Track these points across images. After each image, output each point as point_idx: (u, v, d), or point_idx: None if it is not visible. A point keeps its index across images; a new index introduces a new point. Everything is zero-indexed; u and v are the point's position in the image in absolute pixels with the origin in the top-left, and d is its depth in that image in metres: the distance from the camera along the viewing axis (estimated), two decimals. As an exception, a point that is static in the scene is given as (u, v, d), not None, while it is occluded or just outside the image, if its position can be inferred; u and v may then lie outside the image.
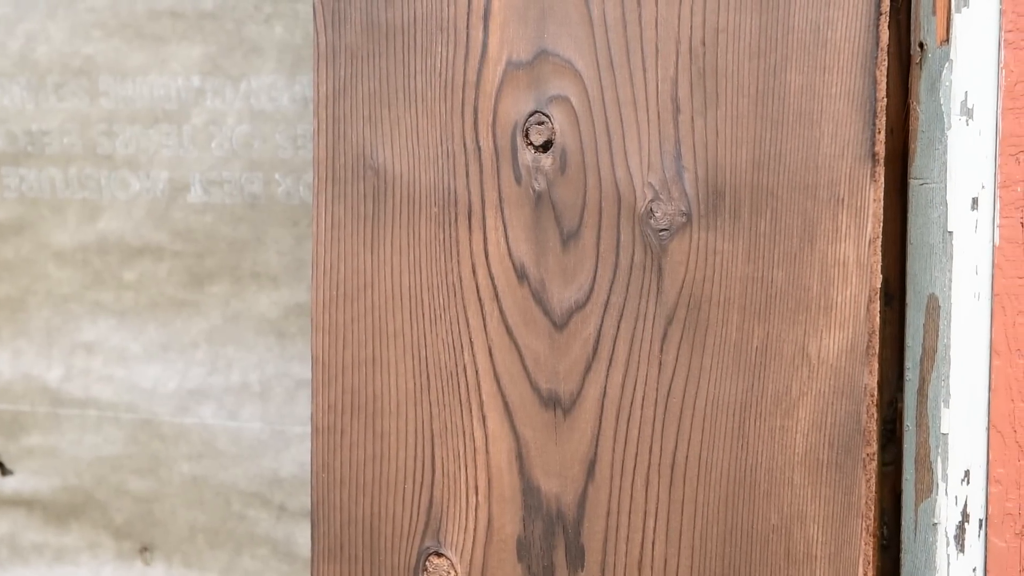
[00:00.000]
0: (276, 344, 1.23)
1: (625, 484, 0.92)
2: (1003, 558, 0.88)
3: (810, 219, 0.88)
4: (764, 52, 0.88)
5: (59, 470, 1.29)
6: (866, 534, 0.89)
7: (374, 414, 0.96)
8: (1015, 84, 0.87)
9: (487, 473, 0.95)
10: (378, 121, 0.96)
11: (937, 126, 0.89)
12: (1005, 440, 0.88)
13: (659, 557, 0.92)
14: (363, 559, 0.97)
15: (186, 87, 1.25)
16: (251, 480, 1.25)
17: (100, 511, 1.28)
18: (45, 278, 1.28)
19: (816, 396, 0.89)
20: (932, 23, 0.89)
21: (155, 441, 1.27)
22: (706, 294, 0.90)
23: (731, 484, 0.90)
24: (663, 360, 0.91)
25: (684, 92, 0.90)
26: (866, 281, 0.88)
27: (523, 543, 0.94)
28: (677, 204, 0.90)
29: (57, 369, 1.29)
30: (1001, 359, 0.88)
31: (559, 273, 0.92)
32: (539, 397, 0.93)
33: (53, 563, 1.30)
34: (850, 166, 0.87)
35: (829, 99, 0.88)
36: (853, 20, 0.87)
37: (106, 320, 1.27)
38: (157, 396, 1.27)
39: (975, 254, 0.88)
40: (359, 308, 0.96)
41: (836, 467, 0.89)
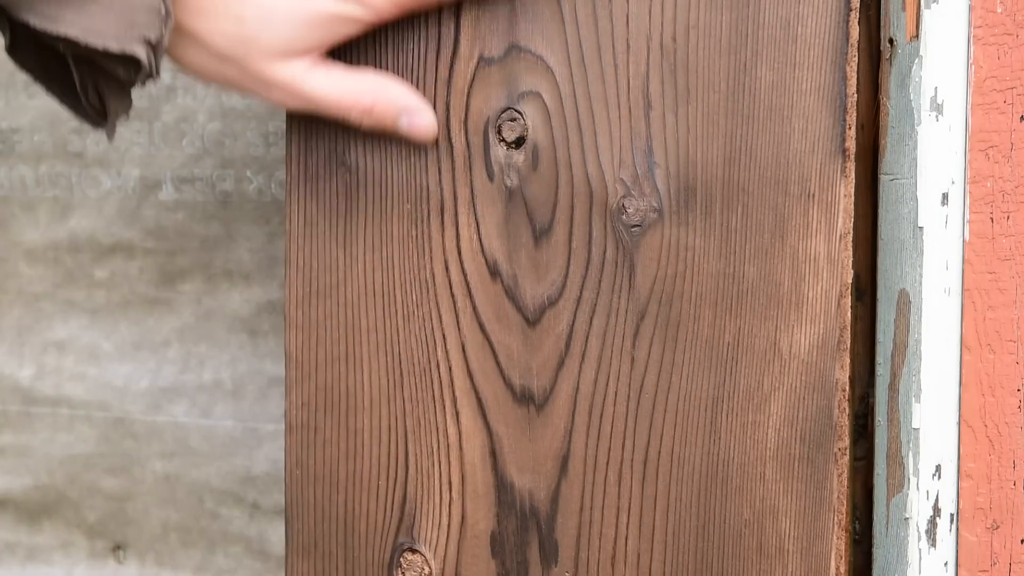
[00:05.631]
0: (248, 342, 1.23)
1: (598, 480, 0.92)
2: (974, 552, 0.89)
3: (781, 215, 0.88)
4: (735, 48, 0.89)
5: (31, 469, 1.28)
6: (838, 528, 0.89)
7: (347, 411, 0.96)
8: (984, 80, 0.87)
9: (461, 469, 0.95)
10: (350, 118, 0.96)
11: (907, 122, 0.89)
12: (976, 435, 0.88)
13: (632, 552, 0.92)
14: (337, 555, 0.97)
15: (156, 84, 1.24)
16: (224, 478, 1.24)
17: (73, 510, 1.28)
18: (16, 276, 1.28)
19: (788, 391, 0.89)
20: (902, 19, 0.89)
21: (127, 439, 1.26)
22: (678, 290, 0.90)
23: (703, 479, 0.91)
24: (635, 356, 0.91)
25: (655, 88, 0.90)
26: (837, 276, 0.88)
27: (497, 539, 0.94)
28: (649, 200, 0.90)
29: (29, 368, 1.28)
30: (971, 354, 0.88)
31: (532, 269, 0.92)
32: (512, 393, 0.93)
33: (26, 562, 1.30)
34: (821, 162, 0.88)
35: (800, 95, 0.88)
36: (823, 16, 0.87)
37: (78, 318, 1.27)
38: (129, 394, 1.26)
39: (945, 249, 0.88)
40: (332, 305, 0.96)
41: (808, 462, 0.89)
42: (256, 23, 0.88)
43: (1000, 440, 0.88)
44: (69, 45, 0.86)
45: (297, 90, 0.90)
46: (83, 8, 0.85)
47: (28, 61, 0.91)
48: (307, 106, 0.91)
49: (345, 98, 0.91)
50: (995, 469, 0.88)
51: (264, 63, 0.89)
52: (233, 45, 0.89)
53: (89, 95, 0.90)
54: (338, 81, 0.91)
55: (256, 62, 0.89)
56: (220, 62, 0.89)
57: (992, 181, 0.87)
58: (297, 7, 0.88)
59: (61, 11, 0.85)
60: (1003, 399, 0.88)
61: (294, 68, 0.90)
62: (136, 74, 0.87)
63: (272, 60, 0.89)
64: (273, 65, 0.89)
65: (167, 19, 0.86)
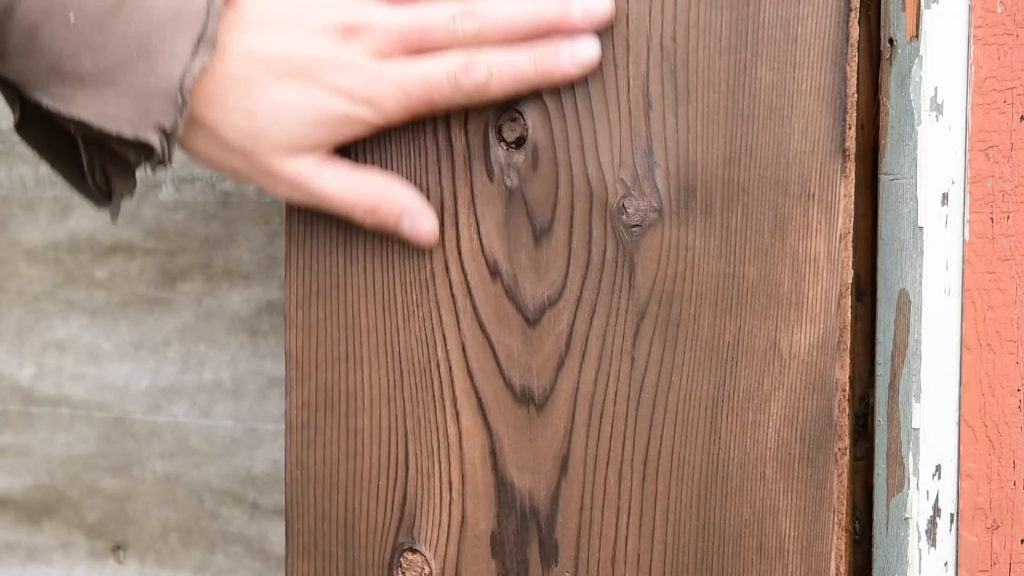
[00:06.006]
0: (248, 342, 1.23)
1: (598, 480, 0.92)
2: (974, 552, 0.89)
3: (781, 215, 0.88)
4: (735, 48, 0.89)
5: (31, 469, 1.28)
6: (838, 528, 0.89)
7: (348, 411, 0.96)
8: (984, 79, 0.87)
9: (461, 469, 0.95)
10: (350, 118, 0.96)
11: (907, 122, 0.89)
12: (976, 435, 0.88)
13: (632, 552, 0.92)
14: (337, 556, 0.97)
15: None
16: (224, 478, 1.24)
17: (73, 510, 1.28)
18: (16, 276, 1.28)
19: (788, 391, 0.89)
20: (902, 19, 0.89)
21: (127, 439, 1.26)
22: (678, 290, 0.90)
23: (704, 479, 0.91)
24: (635, 356, 0.91)
25: (655, 88, 0.90)
26: (837, 276, 0.88)
27: (497, 539, 0.94)
28: (649, 200, 0.90)
29: (29, 368, 1.28)
30: (971, 354, 0.88)
31: (532, 269, 0.92)
32: (512, 393, 0.93)
33: (26, 562, 1.30)
34: (821, 162, 0.88)
35: (800, 95, 0.88)
36: (823, 16, 0.87)
37: (78, 318, 1.27)
38: (129, 394, 1.26)
39: (945, 249, 0.88)
40: (332, 305, 0.96)
41: (808, 462, 0.89)
42: (266, 119, 0.88)
43: (1000, 440, 0.88)
44: (81, 127, 0.87)
45: (303, 186, 0.91)
46: (98, 92, 0.85)
47: (35, 138, 0.91)
48: (312, 201, 0.92)
49: (350, 197, 0.91)
50: (995, 469, 0.88)
51: (272, 157, 0.89)
52: (242, 138, 0.89)
53: (96, 176, 0.90)
54: (344, 179, 0.91)
55: (264, 156, 0.89)
56: (228, 153, 0.90)
57: (992, 181, 0.87)
58: (308, 106, 0.88)
59: (75, 94, 0.85)
60: (1003, 399, 0.88)
61: (301, 164, 0.90)
62: (148, 160, 0.87)
63: (280, 155, 0.89)
64: (280, 160, 0.90)
65: (183, 108, 0.86)
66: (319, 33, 0.88)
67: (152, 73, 0.85)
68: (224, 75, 0.88)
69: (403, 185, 0.93)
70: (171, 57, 0.85)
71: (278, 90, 0.88)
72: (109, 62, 0.85)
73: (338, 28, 0.88)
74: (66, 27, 0.84)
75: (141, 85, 0.85)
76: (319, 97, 0.88)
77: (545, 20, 0.88)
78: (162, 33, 0.85)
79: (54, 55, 0.85)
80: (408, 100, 0.89)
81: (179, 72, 0.85)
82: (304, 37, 0.88)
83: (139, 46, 0.85)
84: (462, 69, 0.88)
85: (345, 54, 0.88)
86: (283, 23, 0.88)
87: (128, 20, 0.85)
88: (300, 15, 0.89)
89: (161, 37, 0.85)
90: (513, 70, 0.89)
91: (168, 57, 0.85)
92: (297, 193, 0.91)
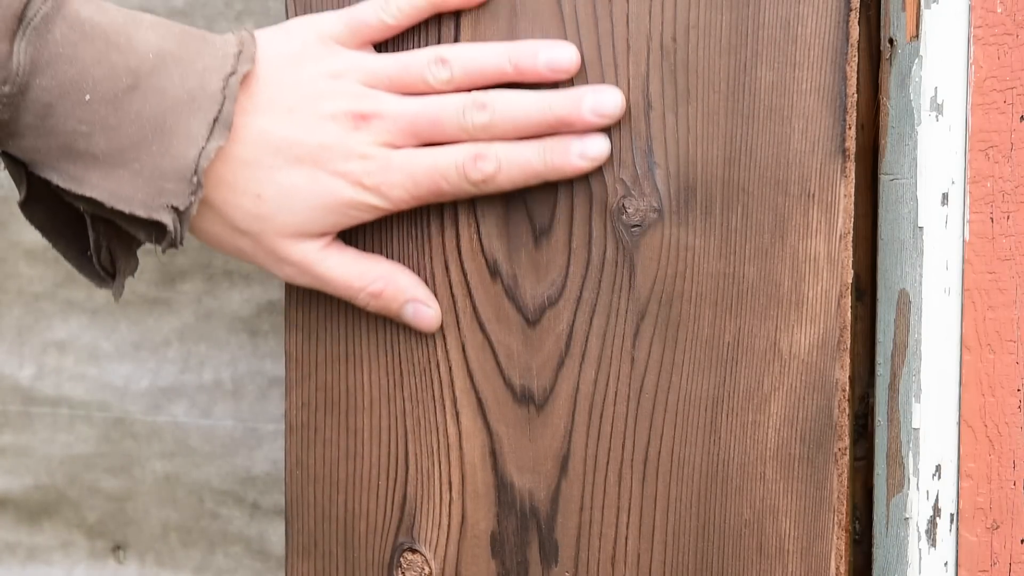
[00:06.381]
0: (248, 342, 1.23)
1: (598, 480, 0.92)
2: (974, 552, 0.89)
3: (781, 215, 0.88)
4: (735, 48, 0.89)
5: (31, 469, 1.28)
6: (838, 528, 0.89)
7: (348, 411, 0.96)
8: (984, 79, 0.87)
9: (461, 469, 0.95)
10: (350, 118, 0.96)
11: (907, 122, 0.89)
12: (976, 435, 0.88)
13: (632, 552, 0.92)
14: (337, 556, 0.97)
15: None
16: (224, 478, 1.24)
17: (73, 510, 1.28)
18: (16, 276, 1.28)
19: (788, 391, 0.89)
20: (902, 19, 0.89)
21: (127, 439, 1.26)
22: (678, 290, 0.90)
23: (704, 479, 0.91)
24: (635, 356, 0.91)
25: (655, 88, 0.90)
26: (837, 276, 0.88)
27: (497, 539, 0.94)
28: (649, 200, 0.90)
29: (29, 368, 1.28)
30: (971, 354, 0.88)
31: (532, 269, 0.92)
32: (512, 393, 0.93)
33: (26, 562, 1.30)
34: (821, 162, 0.88)
35: (800, 95, 0.88)
36: (823, 16, 0.87)
37: (78, 318, 1.27)
38: (129, 394, 1.26)
39: (945, 249, 0.88)
40: (332, 305, 0.96)
41: (808, 462, 0.89)
42: (274, 203, 0.89)
43: (1000, 440, 0.88)
44: (92, 206, 0.86)
45: (309, 269, 0.91)
46: (111, 172, 0.85)
47: (39, 216, 0.91)
48: (316, 284, 0.92)
49: (356, 281, 0.92)
50: (995, 469, 0.88)
51: (278, 241, 0.90)
52: (249, 221, 0.89)
53: (102, 255, 0.90)
54: (350, 264, 0.92)
55: (270, 239, 0.90)
56: (234, 234, 0.90)
57: (992, 181, 0.87)
58: (316, 192, 0.89)
59: (87, 173, 0.85)
60: (1003, 399, 0.88)
61: (307, 248, 0.90)
62: (159, 241, 0.87)
63: (286, 239, 0.90)
64: (287, 244, 0.90)
65: (198, 189, 0.86)
66: (330, 119, 0.89)
67: (167, 154, 0.85)
68: (235, 157, 0.88)
69: (407, 272, 0.93)
70: (186, 138, 0.85)
71: (288, 175, 0.88)
72: (123, 142, 0.85)
73: (349, 115, 0.89)
74: (81, 106, 0.84)
75: (155, 165, 0.85)
76: (328, 183, 0.89)
77: (555, 115, 0.89)
78: (177, 114, 0.85)
79: (67, 134, 0.84)
80: (417, 189, 0.90)
81: (194, 153, 0.85)
82: (315, 123, 0.88)
83: (154, 127, 0.85)
84: (471, 160, 0.89)
85: (355, 141, 0.89)
86: (295, 108, 0.89)
87: (143, 100, 0.85)
88: (312, 101, 0.89)
89: (176, 118, 0.85)
90: (522, 163, 0.89)
91: (183, 138, 0.85)
92: (302, 276, 0.92)
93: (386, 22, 0.91)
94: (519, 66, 0.89)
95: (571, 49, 0.89)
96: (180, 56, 0.86)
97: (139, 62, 0.85)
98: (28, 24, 0.82)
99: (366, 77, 0.90)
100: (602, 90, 0.89)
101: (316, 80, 0.89)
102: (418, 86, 0.90)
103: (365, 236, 0.94)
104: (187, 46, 0.87)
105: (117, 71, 0.84)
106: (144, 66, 0.85)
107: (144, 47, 0.86)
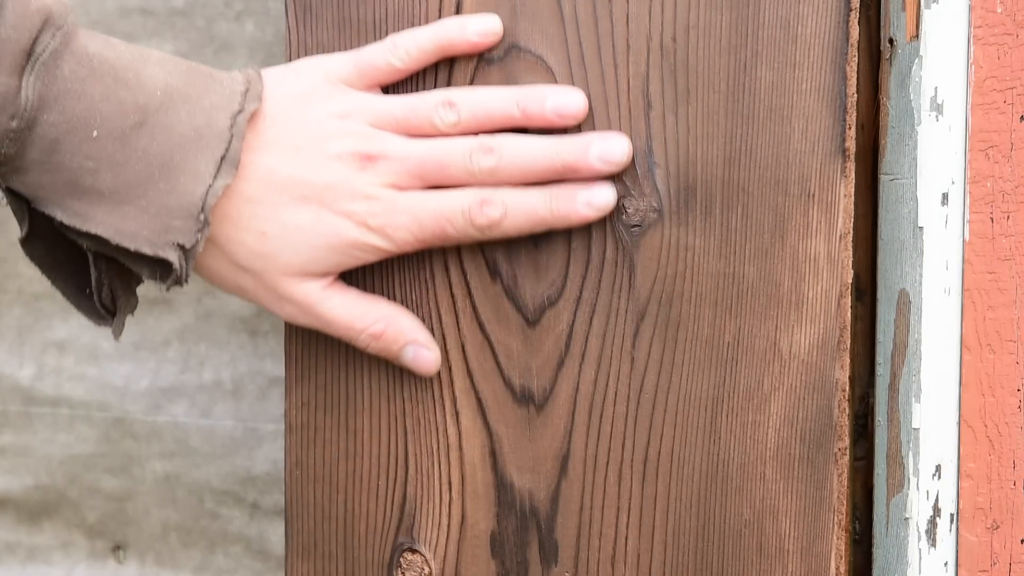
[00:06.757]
0: (248, 342, 1.23)
1: (598, 480, 0.92)
2: (974, 552, 0.89)
3: (781, 215, 0.88)
4: (735, 48, 0.89)
5: (31, 469, 1.28)
6: (838, 528, 0.89)
7: (347, 411, 0.96)
8: (984, 79, 0.87)
9: (460, 469, 0.95)
10: (350, 118, 0.96)
11: (907, 122, 0.89)
12: (976, 435, 0.88)
13: (632, 552, 0.92)
14: (337, 556, 0.97)
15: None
16: (224, 478, 1.24)
17: (73, 510, 1.28)
18: (16, 276, 1.28)
19: (788, 391, 0.89)
20: (902, 19, 0.89)
21: (127, 439, 1.26)
22: (678, 290, 0.90)
23: (703, 479, 0.91)
24: (635, 356, 0.91)
25: (655, 88, 0.90)
26: (837, 276, 0.88)
27: (497, 539, 0.94)
28: (649, 200, 0.90)
29: (29, 368, 1.28)
30: (971, 354, 0.88)
31: (532, 269, 0.92)
32: (512, 393, 0.93)
33: (26, 562, 1.30)
34: (821, 162, 0.88)
35: (800, 95, 0.88)
36: (823, 16, 0.87)
37: (78, 318, 1.27)
38: (129, 394, 1.26)
39: (945, 249, 0.88)
40: (332, 305, 0.96)
41: (808, 462, 0.89)
42: (278, 241, 0.88)
43: (1000, 440, 0.88)
44: (97, 243, 0.86)
45: (310, 309, 0.91)
46: (116, 209, 0.85)
47: (40, 253, 0.90)
48: (317, 324, 0.92)
49: (357, 322, 0.92)
50: (995, 469, 0.88)
51: (280, 279, 0.89)
52: (252, 258, 0.89)
53: (103, 293, 0.90)
54: (351, 305, 0.92)
55: (272, 278, 0.89)
56: (237, 271, 0.90)
57: (992, 181, 0.87)
58: (321, 231, 0.88)
59: (93, 209, 0.85)
60: (1003, 399, 0.88)
61: (309, 287, 0.90)
62: (164, 279, 0.87)
63: (289, 278, 0.89)
64: (289, 282, 0.90)
65: (204, 227, 0.85)
66: (336, 159, 0.88)
67: (173, 191, 0.85)
68: (240, 194, 0.88)
69: (408, 315, 0.93)
70: (193, 176, 0.85)
71: (293, 213, 0.88)
72: (130, 179, 0.84)
73: (356, 155, 0.88)
74: (88, 143, 0.83)
75: (162, 203, 0.85)
76: (333, 223, 0.88)
77: (562, 161, 0.88)
78: (184, 152, 0.85)
79: (74, 170, 0.84)
80: (422, 232, 0.89)
81: (201, 191, 0.85)
82: (322, 162, 0.88)
83: (161, 164, 0.85)
84: (477, 205, 0.89)
85: (361, 182, 0.88)
86: (302, 147, 0.88)
87: (151, 138, 0.84)
88: (319, 140, 0.89)
89: (183, 155, 0.85)
90: (528, 210, 0.89)
91: (190, 176, 0.85)
92: (303, 316, 0.91)
93: (394, 65, 0.91)
94: (527, 111, 0.89)
95: (579, 95, 0.89)
96: (188, 93, 0.86)
97: (147, 99, 0.85)
98: (37, 59, 0.82)
99: (373, 118, 0.90)
100: (609, 137, 0.89)
101: (323, 120, 0.89)
102: (425, 128, 0.90)
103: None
104: (194, 83, 0.87)
105: (125, 107, 0.84)
106: (152, 103, 0.85)
107: (152, 83, 0.85)
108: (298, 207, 0.88)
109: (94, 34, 0.86)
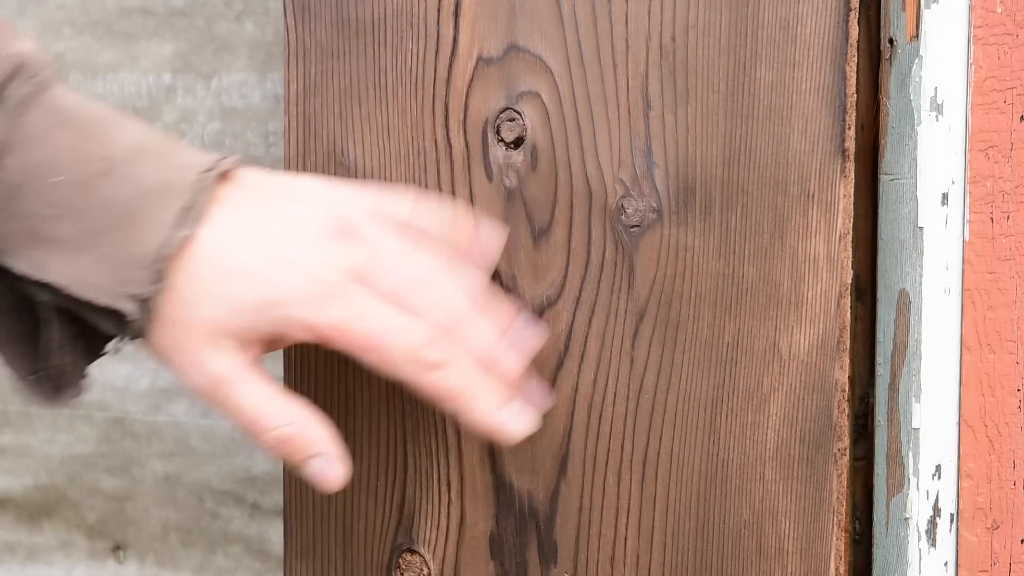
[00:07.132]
0: (248, 342, 1.23)
1: (597, 480, 0.92)
2: (974, 552, 0.89)
3: (780, 215, 0.88)
4: (734, 48, 0.89)
5: (31, 469, 1.28)
6: (838, 529, 0.89)
7: (346, 412, 0.96)
8: (984, 79, 0.87)
9: (459, 470, 0.94)
10: (349, 118, 0.96)
11: (907, 122, 0.89)
12: (976, 435, 0.88)
13: (632, 553, 0.92)
14: (336, 557, 0.97)
15: (157, 84, 1.24)
16: (224, 478, 1.24)
17: (73, 510, 1.28)
18: (16, 276, 1.28)
19: (787, 391, 0.89)
20: (902, 18, 0.89)
21: (127, 439, 1.26)
22: (677, 290, 0.90)
23: (703, 479, 0.91)
24: (635, 356, 0.91)
25: (655, 88, 0.90)
26: (837, 276, 0.88)
27: (496, 540, 0.94)
28: (648, 200, 0.90)
29: (29, 368, 1.28)
30: (972, 354, 0.88)
31: (531, 270, 0.92)
32: (511, 394, 0.93)
33: (26, 562, 1.30)
34: (820, 162, 0.88)
35: (799, 95, 0.88)
36: (823, 16, 0.87)
37: (78, 318, 1.27)
38: (129, 394, 1.26)
39: (945, 249, 0.88)
40: (331, 305, 0.96)
41: (807, 462, 0.89)
42: (212, 285, 0.84)
43: (1000, 440, 0.88)
44: (51, 293, 0.83)
45: (222, 386, 0.84)
46: (75, 258, 0.82)
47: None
48: (222, 407, 0.85)
49: (269, 420, 0.85)
50: (995, 469, 0.88)
51: (202, 337, 0.84)
52: (177, 305, 0.83)
53: (52, 358, 0.85)
54: (269, 399, 0.85)
55: (195, 332, 0.84)
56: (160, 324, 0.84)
57: (992, 181, 0.87)
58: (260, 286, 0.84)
59: (50, 258, 0.82)
60: (1003, 399, 0.88)
61: (231, 359, 0.84)
62: (122, 329, 0.83)
63: (213, 336, 0.84)
64: (211, 342, 0.84)
65: (159, 278, 0.82)
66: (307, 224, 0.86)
67: (133, 240, 0.82)
68: (196, 248, 0.83)
69: (323, 425, 0.86)
70: (153, 226, 0.82)
71: (237, 259, 0.84)
72: (90, 227, 0.82)
73: (327, 228, 0.86)
74: (49, 189, 0.81)
75: (120, 252, 0.82)
76: (276, 284, 0.84)
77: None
78: (150, 202, 0.82)
79: (34, 217, 0.81)
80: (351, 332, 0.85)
81: (159, 240, 0.82)
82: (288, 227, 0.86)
83: (122, 213, 0.82)
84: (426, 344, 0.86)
85: (326, 254, 0.85)
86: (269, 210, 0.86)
87: (115, 187, 0.82)
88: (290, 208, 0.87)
89: (148, 205, 0.82)
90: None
91: (150, 225, 0.82)
92: (211, 392, 0.84)
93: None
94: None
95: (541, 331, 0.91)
96: (160, 152, 0.84)
97: (115, 152, 0.83)
98: (3, 102, 0.81)
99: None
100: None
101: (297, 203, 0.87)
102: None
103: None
104: (168, 146, 0.85)
105: (90, 158, 0.82)
106: (120, 155, 0.83)
107: (123, 141, 0.83)
108: (246, 254, 0.84)
109: (72, 91, 0.84)
